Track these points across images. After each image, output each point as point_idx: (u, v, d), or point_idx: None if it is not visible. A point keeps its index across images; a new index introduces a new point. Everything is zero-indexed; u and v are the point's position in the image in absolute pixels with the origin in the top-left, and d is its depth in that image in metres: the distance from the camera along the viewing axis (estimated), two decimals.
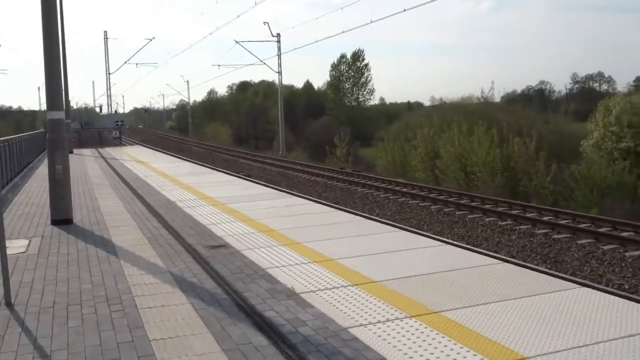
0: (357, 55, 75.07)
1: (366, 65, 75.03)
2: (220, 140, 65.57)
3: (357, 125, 64.70)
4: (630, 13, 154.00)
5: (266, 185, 17.21)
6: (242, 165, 33.48)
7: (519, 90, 59.12)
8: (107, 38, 45.81)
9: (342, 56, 75.59)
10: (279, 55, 41.93)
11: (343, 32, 36.42)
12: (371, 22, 29.66)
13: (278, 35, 41.43)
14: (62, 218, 8.84)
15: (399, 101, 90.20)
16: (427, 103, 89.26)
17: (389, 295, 4.89)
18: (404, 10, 22.96)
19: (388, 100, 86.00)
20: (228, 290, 5.27)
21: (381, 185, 21.75)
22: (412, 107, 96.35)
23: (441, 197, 18.51)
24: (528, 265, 10.10)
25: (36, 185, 14.74)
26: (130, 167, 19.28)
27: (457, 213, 16.35)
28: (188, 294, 5.16)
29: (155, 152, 32.13)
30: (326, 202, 15.96)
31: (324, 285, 5.25)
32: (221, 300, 4.97)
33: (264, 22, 51.38)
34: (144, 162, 21.92)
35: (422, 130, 31.91)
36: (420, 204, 17.89)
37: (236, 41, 41.75)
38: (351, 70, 75.49)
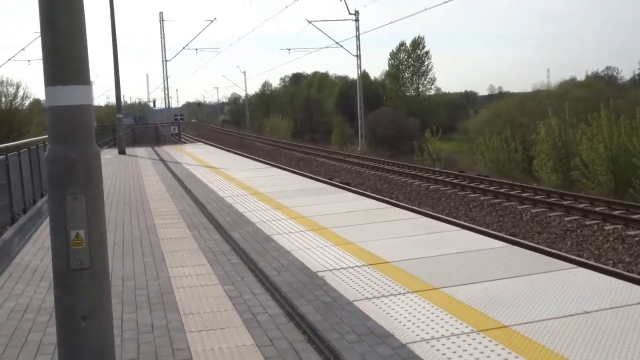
0: (417, 43, 68.67)
1: (426, 53, 68.60)
2: (279, 134, 60.60)
3: (417, 116, 58.85)
4: None
5: (446, 222, 10.51)
6: (324, 166, 27.86)
7: (578, 77, 52.87)
8: (162, 20, 40.48)
9: (402, 44, 69.15)
10: (357, 37, 36.06)
11: (389, 22, 30.37)
12: (425, 9, 24.38)
13: (356, 12, 35.52)
14: None
15: (452, 91, 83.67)
16: (483, 93, 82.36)
17: None
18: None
19: (443, 90, 79.12)
20: None
21: (550, 199, 15.24)
22: (468, 97, 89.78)
23: None
24: None
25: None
26: (202, 178, 13.87)
27: None
28: None
29: (221, 151, 26.82)
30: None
31: None
32: None
33: None
34: (216, 167, 16.51)
35: (549, 121, 25.55)
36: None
37: (308, 20, 35.98)
38: (411, 58, 69.14)
